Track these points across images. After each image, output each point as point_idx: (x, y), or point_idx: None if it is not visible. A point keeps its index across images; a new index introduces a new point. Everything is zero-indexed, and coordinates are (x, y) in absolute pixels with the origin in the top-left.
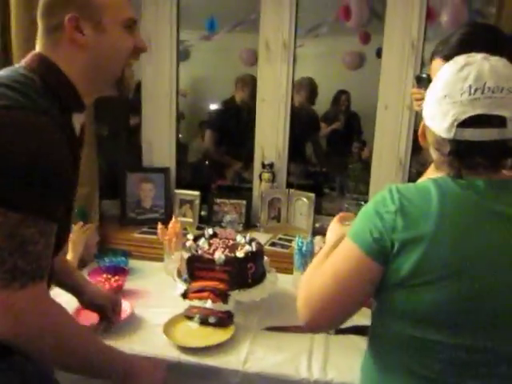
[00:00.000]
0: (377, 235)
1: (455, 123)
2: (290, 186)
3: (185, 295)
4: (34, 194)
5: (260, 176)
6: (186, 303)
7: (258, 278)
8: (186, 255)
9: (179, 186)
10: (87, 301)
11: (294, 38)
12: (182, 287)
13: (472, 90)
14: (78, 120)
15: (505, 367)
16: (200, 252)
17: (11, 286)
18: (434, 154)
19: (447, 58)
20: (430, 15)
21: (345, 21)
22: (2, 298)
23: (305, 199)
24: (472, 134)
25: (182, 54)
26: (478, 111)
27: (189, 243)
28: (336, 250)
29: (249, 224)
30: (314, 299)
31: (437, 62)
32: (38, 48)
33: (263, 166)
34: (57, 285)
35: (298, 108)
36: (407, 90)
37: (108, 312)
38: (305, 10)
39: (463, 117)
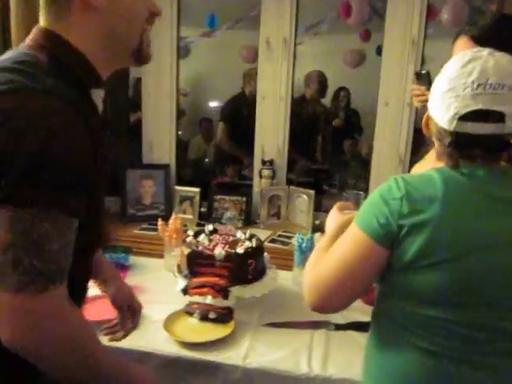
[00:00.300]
0: (383, 221)
1: (456, 116)
2: (289, 182)
3: (185, 291)
4: (43, 185)
5: (260, 173)
6: (187, 299)
7: (258, 273)
8: (187, 251)
9: (179, 182)
10: (110, 298)
11: (294, 35)
12: (182, 283)
13: (475, 86)
14: (98, 96)
15: (509, 344)
16: (200, 248)
17: (28, 289)
18: (436, 144)
19: (474, 37)
20: (431, 12)
21: (345, 18)
22: (16, 302)
23: (305, 196)
24: (472, 128)
25: (183, 51)
26: (479, 106)
27: (189, 239)
28: (342, 237)
29: (249, 221)
30: (321, 285)
31: (463, 40)
32: (41, 22)
33: (263, 162)
34: None
35: (308, 102)
36: (407, 87)
37: (123, 316)
38: (305, 7)
39: (464, 110)
